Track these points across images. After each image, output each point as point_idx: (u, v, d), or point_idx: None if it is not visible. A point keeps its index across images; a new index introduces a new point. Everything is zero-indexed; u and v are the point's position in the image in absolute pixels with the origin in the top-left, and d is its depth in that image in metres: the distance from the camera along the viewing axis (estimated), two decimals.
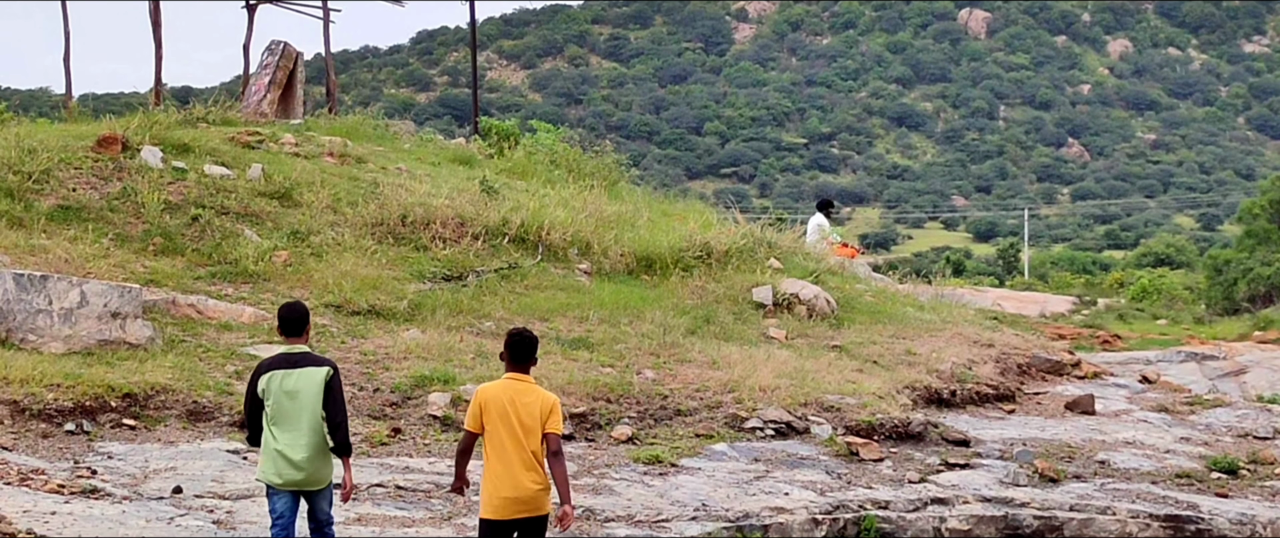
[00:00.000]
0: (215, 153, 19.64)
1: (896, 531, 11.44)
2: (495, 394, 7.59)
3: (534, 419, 7.51)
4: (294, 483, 7.90)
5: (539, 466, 7.52)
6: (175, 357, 13.18)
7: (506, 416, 7.51)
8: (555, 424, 7.54)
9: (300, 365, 7.91)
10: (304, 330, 8.06)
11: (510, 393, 7.58)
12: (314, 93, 34.74)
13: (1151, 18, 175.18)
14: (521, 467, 7.48)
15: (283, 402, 7.84)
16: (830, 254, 21.87)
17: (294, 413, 7.84)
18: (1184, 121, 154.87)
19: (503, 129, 27.87)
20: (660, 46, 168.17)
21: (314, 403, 7.84)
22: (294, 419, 7.85)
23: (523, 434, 7.49)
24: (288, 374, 7.87)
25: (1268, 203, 44.77)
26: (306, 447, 7.85)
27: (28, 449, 10.93)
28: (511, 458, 7.49)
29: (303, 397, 7.85)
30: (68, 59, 26.88)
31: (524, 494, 7.49)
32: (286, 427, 7.85)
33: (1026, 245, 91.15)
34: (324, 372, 7.89)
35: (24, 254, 14.93)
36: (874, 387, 14.95)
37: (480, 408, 7.56)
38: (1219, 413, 15.95)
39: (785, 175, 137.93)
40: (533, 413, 7.52)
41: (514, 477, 7.48)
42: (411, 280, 16.75)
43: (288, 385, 7.86)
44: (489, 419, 7.55)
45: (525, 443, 7.49)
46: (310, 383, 7.86)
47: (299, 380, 7.86)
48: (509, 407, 7.52)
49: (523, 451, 7.49)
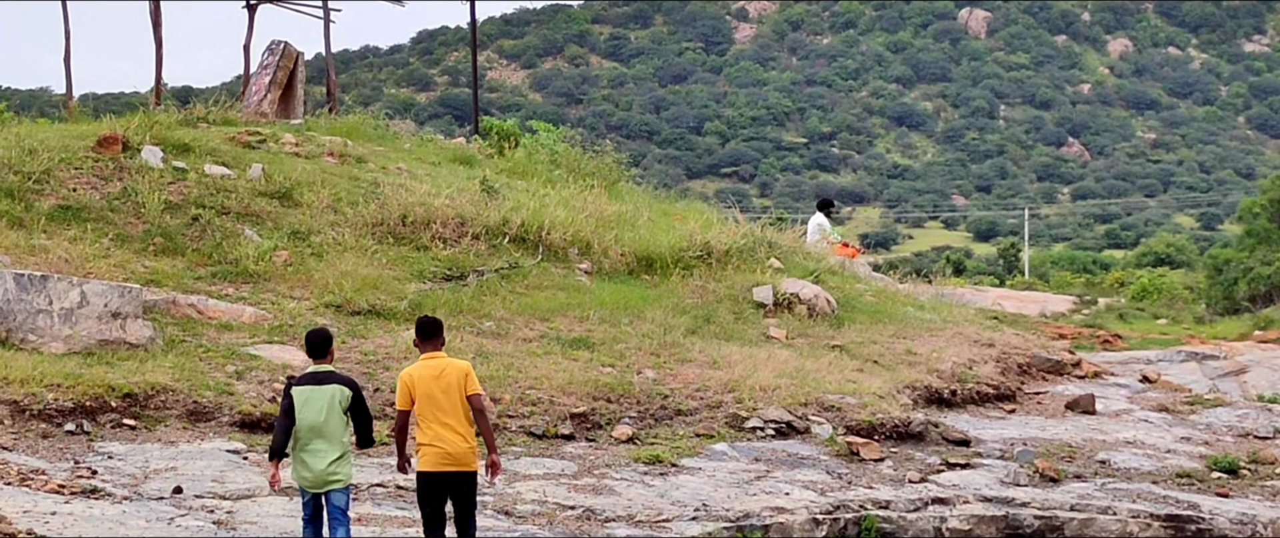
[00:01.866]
0: (216, 153, 19.63)
1: (897, 531, 11.45)
2: (418, 373, 8.75)
3: (453, 387, 8.65)
4: (315, 485, 8.85)
5: (464, 427, 8.66)
6: (175, 357, 13.18)
7: (430, 389, 8.66)
8: (473, 387, 8.71)
9: (324, 383, 8.88)
10: (328, 352, 9.05)
11: (430, 370, 8.74)
12: (314, 93, 34.74)
13: (1151, 17, 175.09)
14: (448, 429, 8.64)
15: (310, 417, 8.80)
16: (830, 254, 21.86)
17: (318, 426, 8.80)
18: (1184, 121, 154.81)
19: (503, 129, 27.86)
20: (660, 46, 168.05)
21: (335, 417, 8.82)
22: (317, 431, 8.81)
23: (445, 402, 8.65)
24: (314, 391, 8.85)
25: (1268, 202, 44.73)
26: (326, 456, 8.81)
27: (28, 449, 10.93)
28: (441, 421, 8.64)
29: (326, 413, 8.81)
30: (68, 59, 26.86)
31: (453, 451, 8.64)
32: (310, 437, 8.82)
33: (1027, 245, 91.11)
34: (345, 394, 8.88)
35: (24, 254, 14.93)
36: (874, 387, 14.95)
37: (408, 388, 8.74)
38: (1219, 413, 15.95)
39: (785, 175, 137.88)
40: (451, 382, 8.66)
41: (442, 438, 8.63)
42: (412, 280, 16.74)
43: (311, 400, 8.82)
44: (417, 395, 8.70)
45: (449, 409, 8.65)
46: (332, 402, 8.83)
47: (322, 399, 8.82)
48: (432, 382, 8.67)
49: (447, 415, 8.65)
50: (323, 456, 8.81)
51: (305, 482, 8.86)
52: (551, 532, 10.26)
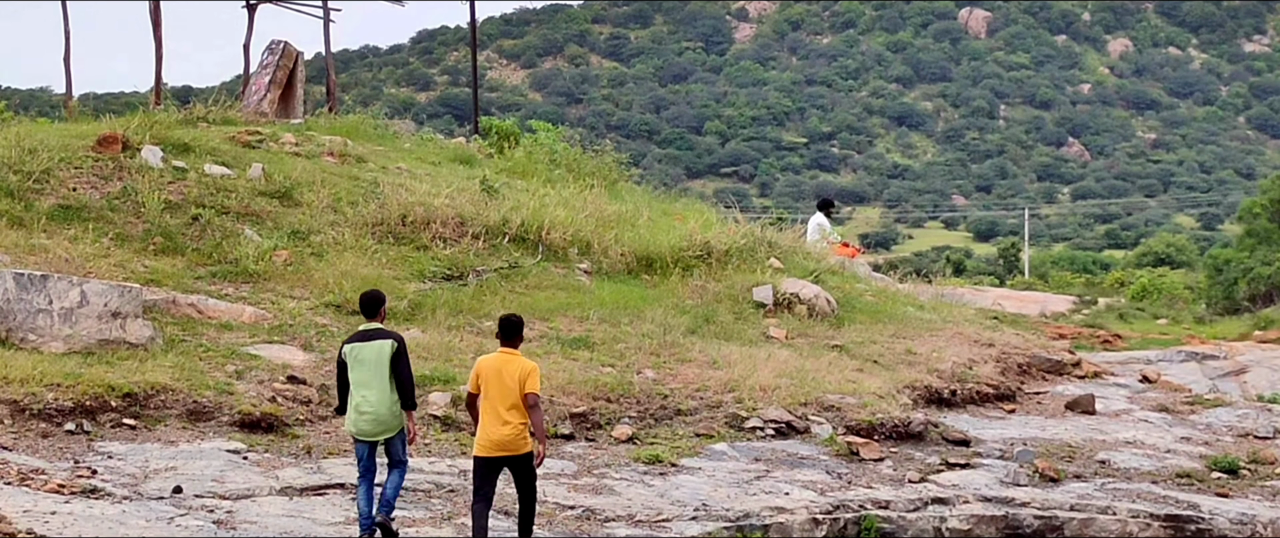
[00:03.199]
0: (216, 152, 19.63)
1: (897, 530, 11.45)
2: (489, 363, 9.65)
3: (514, 382, 9.47)
4: (367, 433, 9.72)
5: (517, 417, 9.44)
6: (175, 356, 13.18)
7: (494, 379, 9.51)
8: (532, 385, 9.50)
9: (371, 340, 9.77)
10: (378, 312, 9.97)
11: (500, 363, 9.61)
12: (314, 92, 34.73)
13: (1152, 17, 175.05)
14: (502, 417, 9.45)
15: (357, 368, 9.72)
16: (830, 254, 21.86)
17: (365, 377, 9.70)
18: (1184, 121, 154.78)
19: (503, 128, 27.86)
20: (660, 46, 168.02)
21: (381, 369, 9.68)
22: (365, 382, 9.69)
23: (505, 393, 9.46)
24: (362, 346, 9.77)
25: (1268, 202, 44.73)
26: (375, 404, 9.67)
27: (28, 449, 10.93)
28: (496, 411, 9.46)
29: (372, 364, 9.69)
30: (68, 58, 26.86)
31: (504, 437, 9.46)
32: (360, 388, 9.71)
33: (1027, 245, 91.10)
34: (390, 344, 9.74)
35: (24, 254, 14.92)
36: (874, 386, 14.95)
37: (477, 374, 9.65)
38: (1219, 413, 15.94)
39: (785, 175, 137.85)
40: (514, 377, 9.49)
41: (496, 425, 9.47)
42: (412, 280, 16.74)
43: (361, 355, 9.73)
44: (483, 382, 9.58)
45: (506, 399, 9.45)
46: (378, 353, 9.69)
47: (369, 351, 9.72)
48: (496, 374, 9.53)
49: (501, 406, 9.46)
50: (375, 405, 9.65)
51: (357, 432, 9.74)
52: (551, 532, 10.26)
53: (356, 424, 9.75)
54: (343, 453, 11.89)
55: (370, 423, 9.70)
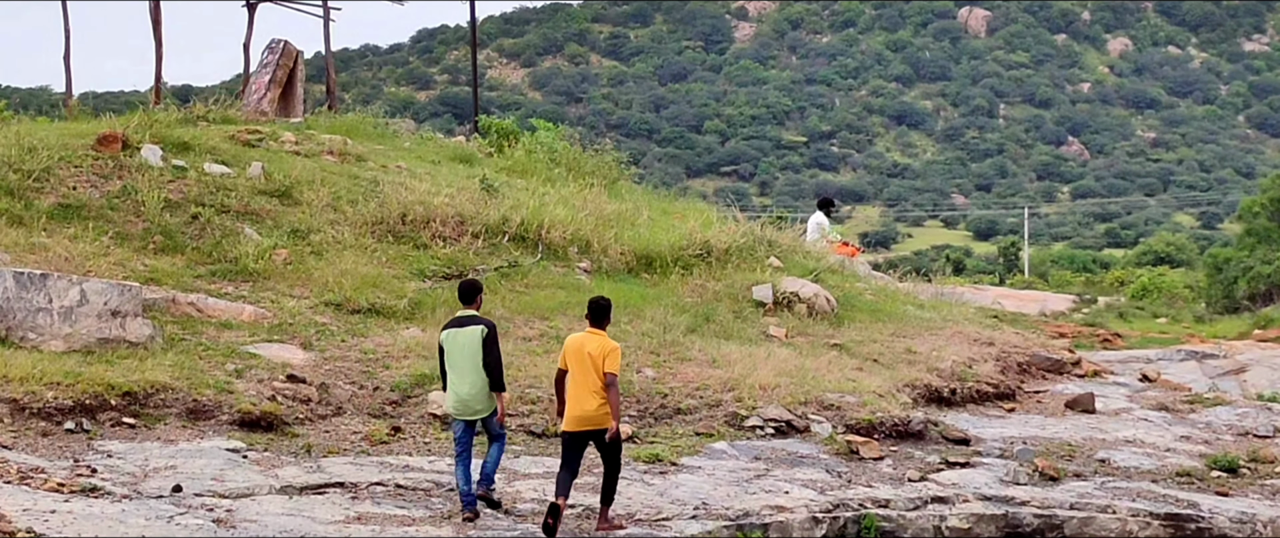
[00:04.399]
0: (215, 151, 19.63)
1: (897, 529, 11.44)
2: (575, 342, 10.28)
3: (594, 361, 10.07)
4: (460, 413, 10.46)
5: (602, 393, 10.07)
6: (175, 355, 13.17)
7: (579, 358, 10.15)
8: (611, 365, 10.11)
9: (466, 325, 10.52)
10: (474, 300, 10.79)
11: (581, 342, 10.24)
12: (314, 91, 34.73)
13: (1151, 16, 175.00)
14: (587, 394, 10.11)
15: (452, 353, 10.47)
16: (830, 253, 21.86)
17: (458, 361, 10.44)
18: (1184, 120, 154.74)
19: (503, 127, 27.86)
20: (660, 45, 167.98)
21: (474, 353, 10.39)
22: (460, 365, 10.43)
23: (589, 371, 10.09)
24: (457, 331, 10.53)
25: (1268, 201, 44.73)
26: (470, 385, 10.39)
27: (27, 448, 10.92)
28: (581, 387, 10.14)
29: (466, 348, 10.42)
30: (68, 57, 26.86)
31: (584, 413, 10.12)
32: (456, 370, 10.45)
33: (1026, 244, 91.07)
34: (481, 330, 10.46)
35: (24, 252, 14.92)
36: (874, 385, 14.95)
37: (564, 354, 10.30)
38: (1219, 411, 15.94)
39: (785, 174, 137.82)
40: (593, 356, 10.10)
41: (581, 401, 10.13)
42: (411, 279, 16.74)
43: (455, 340, 10.48)
44: (569, 360, 10.23)
45: (586, 377, 10.09)
46: (471, 338, 10.42)
47: (463, 336, 10.46)
48: (579, 352, 10.17)
49: (585, 382, 10.11)
50: (468, 388, 10.39)
51: (455, 410, 10.50)
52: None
53: (452, 404, 10.52)
54: (342, 451, 11.90)
55: (462, 404, 10.43)
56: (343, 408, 12.94)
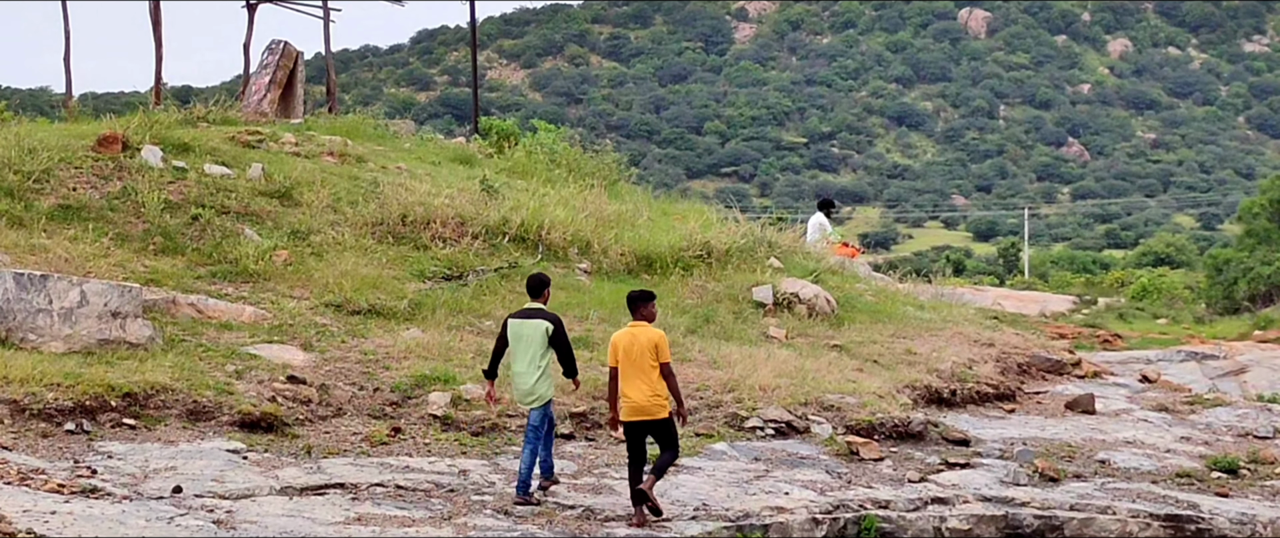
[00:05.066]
0: (215, 152, 19.63)
1: (897, 530, 11.44)
2: (622, 337, 10.73)
3: (645, 352, 10.54)
4: (525, 400, 11.02)
5: (652, 383, 10.52)
6: (175, 356, 13.17)
7: (627, 352, 10.59)
8: (663, 355, 10.60)
9: (532, 318, 11.03)
10: (542, 294, 11.26)
11: (630, 335, 10.68)
12: (314, 92, 34.75)
13: (1151, 17, 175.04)
14: (638, 385, 10.55)
15: (516, 343, 11.02)
16: (830, 254, 21.86)
17: (520, 352, 10.99)
18: (1184, 121, 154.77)
19: (503, 128, 27.87)
20: (660, 46, 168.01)
21: (537, 345, 10.94)
22: (522, 356, 10.97)
23: (638, 363, 10.54)
24: (522, 323, 11.06)
25: (1268, 202, 44.72)
26: (528, 378, 10.95)
27: (28, 449, 10.92)
28: (633, 380, 10.57)
29: (528, 341, 10.96)
30: (68, 58, 26.89)
31: (640, 403, 10.55)
32: (519, 361, 11.01)
33: (1026, 245, 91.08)
34: (548, 325, 10.98)
35: (24, 254, 14.92)
36: (874, 386, 14.95)
37: (613, 349, 10.72)
38: (1219, 412, 15.94)
39: (785, 175, 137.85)
40: (643, 347, 10.56)
41: (632, 393, 10.56)
42: (411, 280, 16.74)
43: (521, 332, 11.02)
44: (619, 356, 10.63)
45: (639, 368, 10.54)
46: (535, 331, 10.96)
47: (528, 329, 10.99)
48: (629, 346, 10.60)
49: (638, 374, 10.55)
50: (526, 377, 10.94)
51: (519, 397, 11.13)
52: (551, 532, 10.25)
53: (516, 393, 11.19)
54: (343, 452, 11.90)
55: (520, 394, 11.06)
56: (343, 409, 12.94)
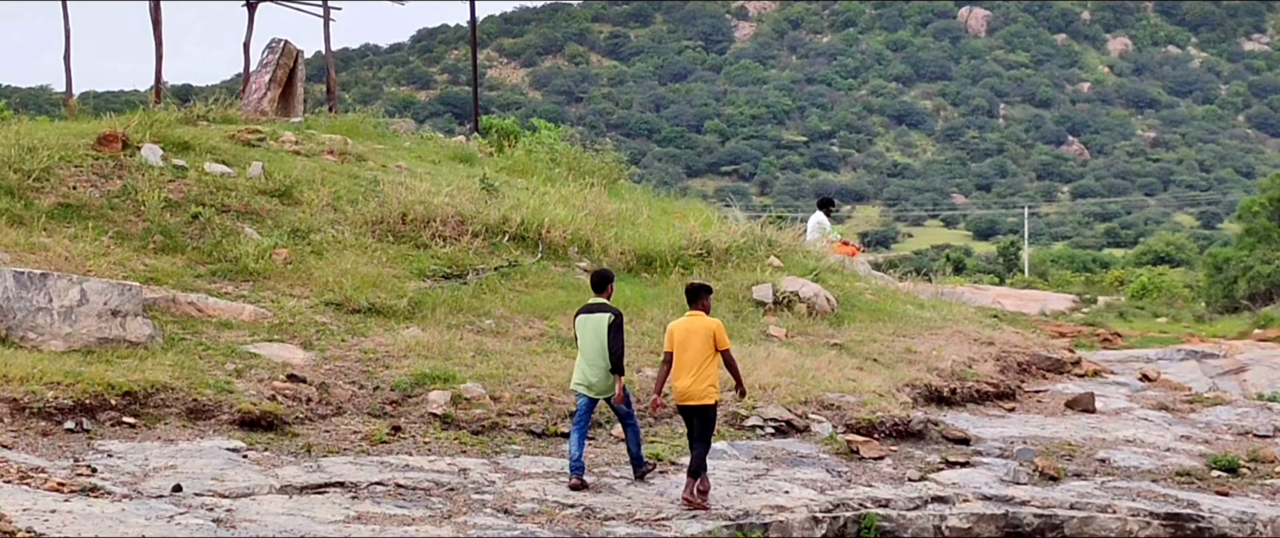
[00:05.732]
0: (216, 151, 19.63)
1: (897, 529, 11.44)
2: (679, 326, 11.30)
3: (701, 340, 11.09)
4: (588, 392, 11.48)
5: (703, 371, 11.06)
6: (175, 355, 13.17)
7: (682, 339, 11.14)
8: (722, 342, 11.18)
9: (595, 312, 11.48)
10: (605, 289, 11.73)
11: (687, 324, 11.25)
12: (314, 91, 34.75)
13: (1151, 16, 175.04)
14: (689, 372, 11.08)
15: (583, 336, 11.48)
16: (830, 252, 21.87)
17: (585, 344, 11.47)
18: (1184, 119, 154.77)
19: (503, 127, 27.88)
20: (660, 45, 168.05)
21: (600, 339, 11.35)
22: (587, 349, 11.44)
23: (692, 351, 11.08)
24: (588, 318, 11.49)
25: (1268, 201, 44.68)
26: (593, 369, 11.40)
27: (27, 447, 10.92)
28: (683, 367, 11.11)
29: (591, 334, 11.41)
30: (68, 57, 26.89)
31: (689, 389, 11.10)
32: (584, 353, 11.49)
33: (1026, 243, 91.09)
34: (608, 317, 11.39)
35: (24, 252, 14.92)
36: (874, 385, 14.95)
37: (670, 335, 11.26)
38: (1219, 411, 15.94)
39: (785, 173, 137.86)
40: (699, 335, 11.11)
41: (685, 379, 11.09)
42: (412, 278, 16.74)
43: (584, 325, 11.48)
44: (675, 343, 11.17)
45: (693, 356, 11.07)
46: (598, 324, 11.37)
47: (592, 322, 11.43)
48: (685, 334, 11.16)
49: (691, 361, 11.07)
50: (594, 369, 11.39)
51: (581, 388, 11.51)
52: (551, 531, 10.25)
53: (578, 382, 11.56)
54: (342, 451, 11.90)
55: (588, 384, 11.46)
56: (343, 408, 12.94)
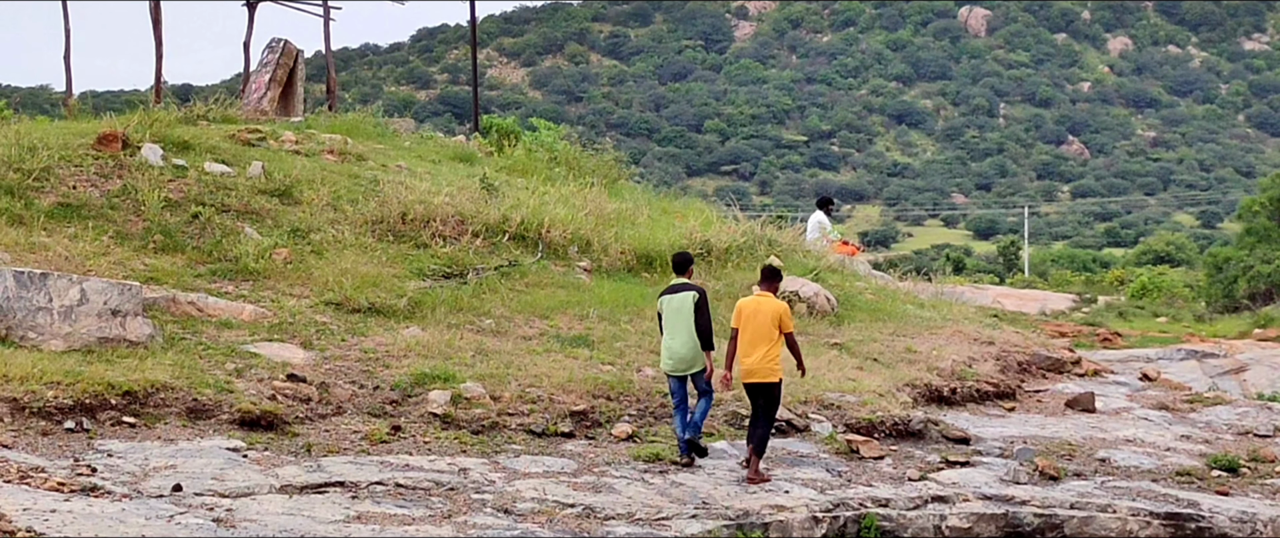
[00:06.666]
0: (216, 150, 19.63)
1: (897, 528, 11.44)
2: (748, 304, 12.03)
3: (767, 320, 11.81)
4: (676, 369, 12.08)
5: (767, 349, 11.74)
6: (175, 354, 13.16)
7: (749, 317, 11.86)
8: (787, 325, 11.93)
9: (679, 292, 12.15)
10: (687, 270, 12.48)
11: (756, 303, 11.98)
12: (314, 90, 34.76)
13: (1151, 15, 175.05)
14: (754, 350, 11.78)
15: (668, 316, 12.16)
16: (830, 252, 21.87)
17: (671, 324, 12.12)
18: (1184, 119, 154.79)
19: (503, 127, 27.89)
20: (660, 44, 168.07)
21: (686, 317, 11.99)
22: (674, 328, 12.10)
23: (757, 329, 11.78)
24: (671, 298, 12.18)
25: (1268, 200, 44.69)
26: (682, 346, 12.03)
27: (28, 447, 10.92)
28: (749, 344, 11.79)
29: (677, 312, 12.05)
30: (68, 56, 26.88)
31: (753, 367, 11.76)
32: (670, 332, 12.14)
33: (1027, 243, 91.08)
34: (692, 296, 12.03)
35: (24, 252, 14.92)
36: (874, 384, 14.95)
37: (738, 313, 11.96)
38: (1219, 411, 15.94)
39: (785, 173, 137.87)
40: (766, 315, 11.84)
41: (749, 356, 11.78)
42: (412, 278, 16.74)
43: (671, 306, 12.14)
44: (742, 321, 11.87)
45: (758, 335, 11.76)
46: (684, 303, 12.04)
47: (677, 301, 12.11)
48: (753, 311, 11.88)
49: (756, 339, 11.76)
50: (680, 346, 12.01)
51: (668, 367, 12.12)
52: (551, 530, 10.25)
53: (666, 362, 12.13)
54: (342, 451, 11.90)
55: (676, 361, 12.05)
56: (343, 407, 12.94)
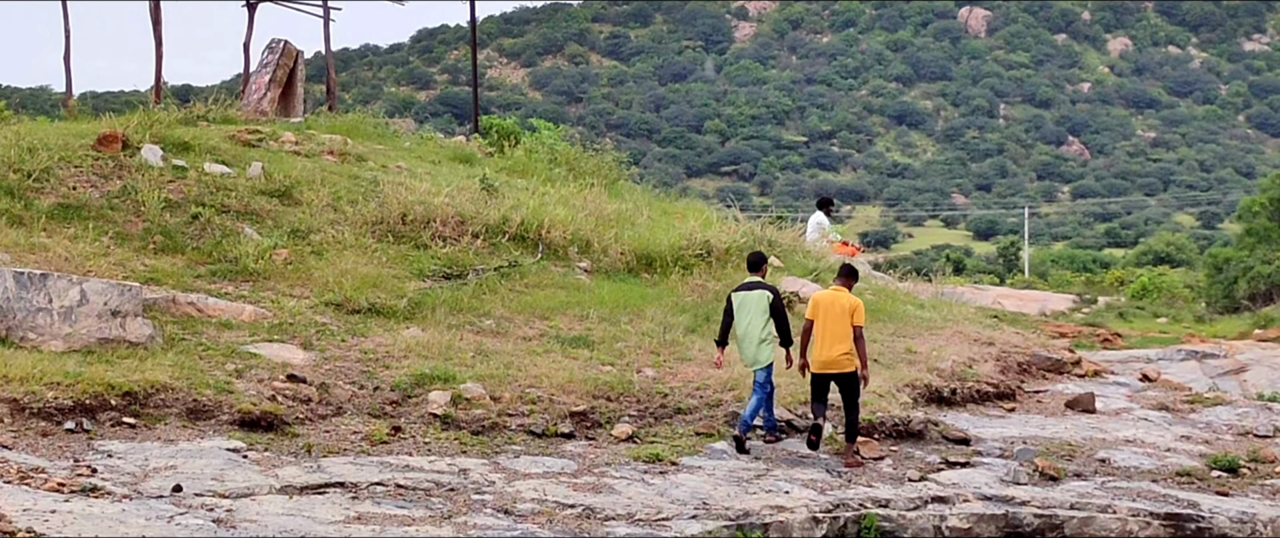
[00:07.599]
0: (215, 151, 19.63)
1: (897, 529, 11.44)
2: (823, 297, 12.74)
3: (841, 313, 12.49)
4: (752, 363, 12.90)
5: (843, 342, 12.41)
6: (175, 355, 13.17)
7: (826, 311, 12.54)
8: (859, 319, 12.50)
9: (754, 289, 13.07)
10: (760, 269, 13.47)
11: (830, 297, 12.70)
12: (314, 91, 34.76)
13: (1151, 16, 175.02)
14: (831, 342, 12.46)
15: (741, 313, 13.00)
16: (830, 252, 21.87)
17: (744, 319, 12.95)
18: (1184, 120, 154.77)
19: (503, 127, 27.88)
20: (660, 45, 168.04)
21: (758, 314, 12.90)
22: (745, 324, 12.92)
23: (833, 323, 12.45)
24: (747, 295, 13.06)
25: (1268, 201, 44.69)
26: (753, 342, 12.88)
27: (27, 448, 10.92)
28: (826, 336, 12.47)
29: (751, 309, 12.96)
30: (68, 57, 26.88)
31: (831, 358, 12.48)
32: (742, 328, 12.96)
33: (1027, 244, 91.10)
34: (767, 294, 13.01)
35: (24, 252, 14.92)
36: (874, 385, 14.92)
37: (814, 305, 12.68)
38: (1219, 411, 15.94)
39: (785, 174, 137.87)
40: (841, 309, 12.51)
41: (826, 347, 12.47)
42: (412, 279, 16.74)
43: (743, 302, 13.03)
44: (818, 313, 12.58)
45: (834, 327, 12.44)
46: (759, 301, 12.96)
47: (749, 300, 13.00)
48: (828, 306, 12.57)
49: (831, 332, 12.45)
50: (751, 342, 12.84)
51: (746, 360, 12.96)
52: (551, 531, 10.25)
53: (743, 356, 13.02)
54: (343, 451, 11.90)
55: (748, 357, 12.87)
56: (343, 408, 12.94)
